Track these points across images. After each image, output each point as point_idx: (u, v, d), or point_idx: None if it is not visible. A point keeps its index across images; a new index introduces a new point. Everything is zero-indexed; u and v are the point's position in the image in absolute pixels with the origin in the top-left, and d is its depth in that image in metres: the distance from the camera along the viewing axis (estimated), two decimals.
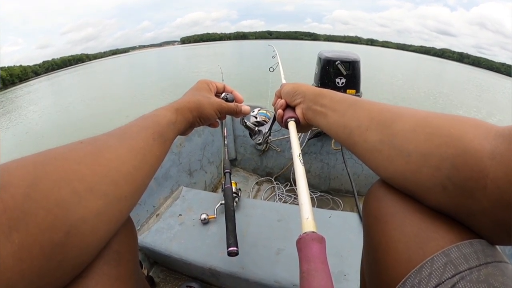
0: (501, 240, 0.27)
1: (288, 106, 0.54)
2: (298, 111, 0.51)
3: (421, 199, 0.31)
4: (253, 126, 0.65)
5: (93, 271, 0.29)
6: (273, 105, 0.59)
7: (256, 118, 0.70)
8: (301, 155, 0.40)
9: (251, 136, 0.68)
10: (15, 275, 0.20)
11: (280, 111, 0.54)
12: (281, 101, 0.55)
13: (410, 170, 0.31)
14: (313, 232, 0.27)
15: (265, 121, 0.68)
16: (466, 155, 0.26)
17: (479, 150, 0.25)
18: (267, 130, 0.64)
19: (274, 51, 0.99)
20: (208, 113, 0.51)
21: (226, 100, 0.57)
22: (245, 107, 0.59)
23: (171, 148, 0.51)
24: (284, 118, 0.53)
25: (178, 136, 0.47)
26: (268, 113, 0.70)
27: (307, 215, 0.30)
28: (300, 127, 0.52)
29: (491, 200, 0.24)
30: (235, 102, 0.59)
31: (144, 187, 0.35)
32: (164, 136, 0.40)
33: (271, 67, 0.90)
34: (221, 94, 0.59)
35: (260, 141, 0.65)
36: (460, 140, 0.27)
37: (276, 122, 0.61)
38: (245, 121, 0.62)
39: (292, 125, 0.51)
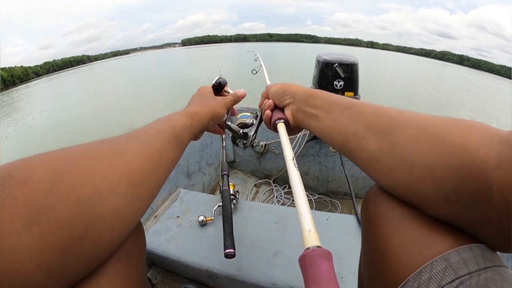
0: (502, 247, 0.27)
1: (276, 107, 0.52)
2: (288, 112, 0.49)
3: (422, 209, 0.30)
4: (238, 128, 0.63)
5: (105, 269, 0.29)
6: (260, 106, 0.58)
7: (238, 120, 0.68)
8: (295, 158, 0.37)
9: (234, 141, 0.64)
10: (34, 266, 0.21)
11: (268, 112, 0.52)
12: (269, 102, 0.53)
13: (412, 182, 0.30)
14: (319, 247, 0.25)
15: (247, 123, 0.65)
16: (471, 166, 0.25)
17: (485, 161, 0.24)
18: (253, 132, 0.62)
19: (256, 54, 1.03)
20: (220, 112, 0.53)
21: (219, 84, 0.58)
22: (240, 91, 0.60)
23: None
24: (273, 119, 0.50)
25: None
26: (250, 115, 0.67)
27: (308, 227, 0.26)
28: (290, 129, 0.50)
29: (496, 210, 0.24)
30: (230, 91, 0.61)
31: (158, 190, 0.36)
32: (179, 140, 0.41)
33: (253, 70, 0.92)
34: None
35: (245, 145, 0.62)
36: (465, 150, 0.26)
37: (263, 123, 0.59)
38: (228, 123, 0.61)
39: (281, 126, 0.48)
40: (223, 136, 1.32)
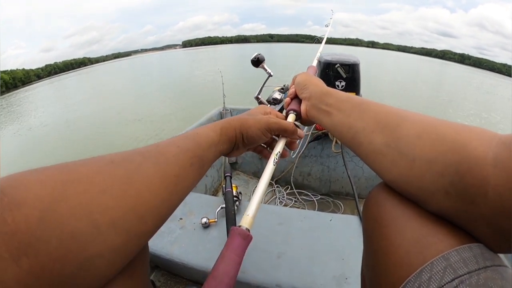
0: (500, 247, 0.27)
1: (297, 97, 0.54)
2: (303, 106, 0.51)
3: (422, 203, 0.31)
4: (266, 103, 0.62)
5: (109, 283, 0.28)
6: (287, 90, 0.59)
7: (274, 96, 0.66)
8: (279, 154, 0.42)
9: None
10: None
11: (287, 99, 0.55)
12: (292, 90, 0.54)
13: (413, 175, 0.31)
14: (246, 228, 0.31)
15: (278, 99, 0.65)
16: (469, 162, 0.26)
17: (482, 158, 0.26)
18: (278, 109, 0.61)
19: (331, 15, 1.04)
20: (253, 132, 0.45)
21: (258, 59, 0.57)
22: (301, 131, 0.52)
23: None
24: (287, 109, 0.53)
25: None
26: (285, 93, 0.68)
27: (249, 212, 0.33)
28: (301, 121, 0.53)
29: (492, 207, 0.25)
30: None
31: (167, 218, 0.32)
32: (203, 161, 0.37)
33: (326, 24, 0.94)
34: None
35: None
36: (464, 147, 0.27)
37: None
38: (259, 96, 0.61)
39: (291, 118, 0.51)
40: None
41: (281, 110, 0.63)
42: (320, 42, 0.87)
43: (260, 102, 0.61)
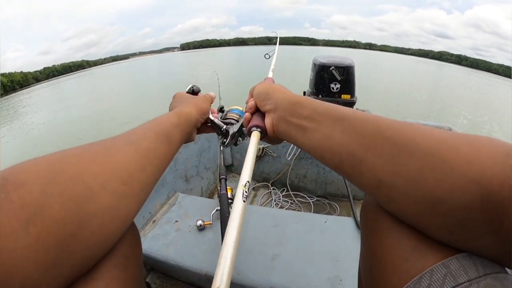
0: (504, 263, 0.26)
1: (258, 111, 0.47)
2: (268, 120, 0.43)
3: (423, 233, 0.29)
4: (221, 124, 0.57)
5: (103, 273, 0.30)
6: (246, 103, 0.50)
7: (226, 116, 0.61)
8: (248, 183, 0.33)
9: (218, 135, 0.59)
10: (32, 265, 0.22)
11: (247, 115, 0.47)
12: (251, 103, 0.47)
13: (413, 214, 0.28)
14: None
15: (235, 119, 0.59)
16: (483, 201, 0.23)
17: (499, 193, 0.22)
18: (235, 130, 0.55)
19: (276, 36, 1.05)
20: (204, 107, 0.54)
21: (193, 91, 0.60)
22: (211, 93, 0.62)
23: None
24: (249, 125, 0.45)
25: None
26: (243, 111, 0.60)
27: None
28: (268, 139, 0.45)
29: (505, 239, 0.23)
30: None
31: (149, 188, 0.36)
32: (168, 137, 0.41)
33: (267, 54, 0.90)
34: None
35: (226, 143, 0.56)
36: (477, 183, 0.23)
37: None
38: (211, 117, 0.56)
39: (255, 136, 0.43)
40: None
41: (240, 130, 0.56)
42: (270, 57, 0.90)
43: (213, 123, 0.57)
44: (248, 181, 0.33)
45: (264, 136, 0.44)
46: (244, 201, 0.30)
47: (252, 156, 0.39)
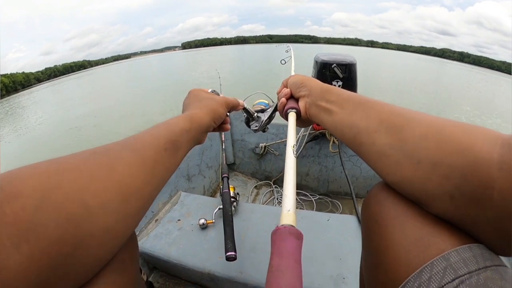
0: (504, 251, 0.27)
1: (292, 97, 0.53)
2: (301, 104, 0.50)
3: (426, 206, 0.31)
4: (253, 111, 0.62)
5: (100, 278, 0.29)
6: (278, 93, 0.58)
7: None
8: (295, 146, 0.40)
9: (247, 124, 0.64)
10: (23, 285, 0.21)
11: (283, 99, 0.53)
12: (286, 90, 0.54)
13: (418, 178, 0.30)
14: (292, 226, 0.27)
15: (263, 109, 0.66)
16: (475, 165, 0.26)
17: (488, 160, 0.25)
18: (266, 117, 0.62)
19: (288, 46, 1.13)
20: (220, 112, 0.52)
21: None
22: (240, 100, 0.61)
23: None
24: (286, 107, 0.52)
25: None
26: (268, 103, 0.69)
27: (288, 207, 0.29)
28: (300, 121, 0.52)
29: (496, 210, 0.24)
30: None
31: (151, 201, 0.35)
32: (176, 145, 0.39)
33: (282, 60, 0.97)
34: None
35: (257, 128, 0.62)
36: (470, 149, 0.27)
37: (277, 112, 0.60)
38: (245, 105, 0.61)
39: (292, 115, 0.50)
40: (223, 138, 1.33)
41: (271, 116, 0.63)
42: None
43: (246, 110, 0.62)
44: (294, 144, 0.41)
45: (298, 117, 0.51)
46: (295, 157, 0.38)
47: (292, 129, 0.46)
